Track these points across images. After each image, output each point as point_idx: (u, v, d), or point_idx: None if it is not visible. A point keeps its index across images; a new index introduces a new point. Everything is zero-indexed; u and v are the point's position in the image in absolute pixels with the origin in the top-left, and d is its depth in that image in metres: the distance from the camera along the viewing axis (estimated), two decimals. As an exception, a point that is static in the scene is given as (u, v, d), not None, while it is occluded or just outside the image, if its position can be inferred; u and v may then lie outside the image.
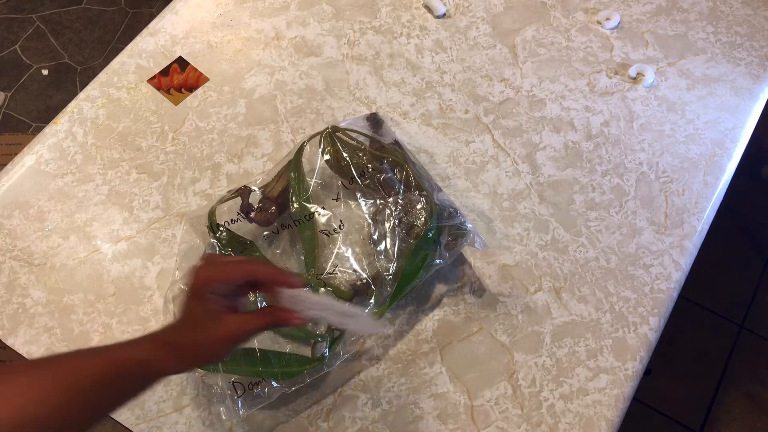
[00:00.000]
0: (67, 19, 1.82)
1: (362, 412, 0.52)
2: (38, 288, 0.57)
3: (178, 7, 0.72)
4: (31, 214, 0.60)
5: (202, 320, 0.41)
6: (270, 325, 0.43)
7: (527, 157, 0.63)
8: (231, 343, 0.41)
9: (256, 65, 0.68)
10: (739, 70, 0.67)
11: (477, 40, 0.70)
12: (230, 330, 0.41)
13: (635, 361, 0.53)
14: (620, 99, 0.66)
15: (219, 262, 0.44)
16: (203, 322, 0.41)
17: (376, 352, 0.54)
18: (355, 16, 0.72)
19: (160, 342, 0.41)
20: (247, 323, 0.42)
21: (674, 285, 0.56)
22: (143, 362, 0.39)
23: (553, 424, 0.51)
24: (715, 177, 0.61)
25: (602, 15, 0.70)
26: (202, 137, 0.64)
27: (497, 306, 0.55)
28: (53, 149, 0.64)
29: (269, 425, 0.51)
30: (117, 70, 0.68)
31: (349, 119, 0.62)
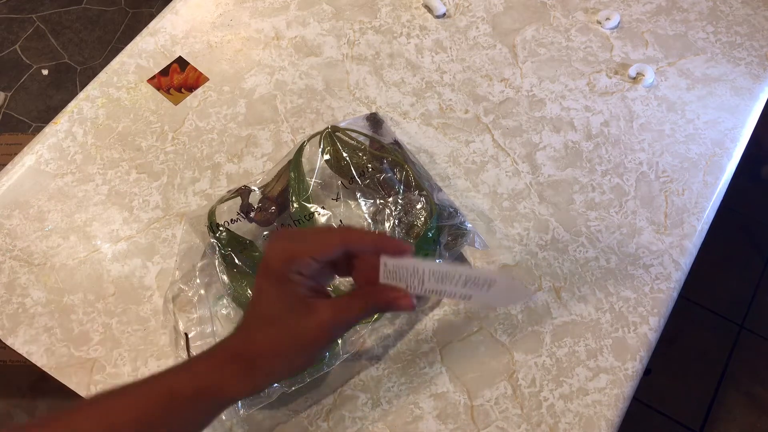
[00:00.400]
0: (67, 19, 1.82)
1: (362, 411, 0.52)
2: (38, 288, 0.57)
3: (178, 7, 0.72)
4: (31, 214, 0.60)
5: (286, 311, 0.32)
6: (373, 309, 0.34)
7: (527, 157, 0.63)
8: (327, 338, 0.32)
9: (256, 65, 0.68)
10: (739, 69, 0.67)
11: (477, 39, 0.70)
12: (326, 321, 0.32)
13: (635, 360, 0.53)
14: (620, 99, 0.66)
15: (305, 233, 0.34)
16: (288, 313, 0.32)
17: (376, 352, 0.54)
18: (355, 16, 0.72)
19: (226, 356, 0.32)
20: (345, 310, 0.33)
21: (674, 285, 0.56)
22: (202, 391, 0.30)
23: (553, 424, 0.51)
24: (715, 177, 0.61)
25: (602, 15, 0.70)
26: (202, 137, 0.64)
27: (497, 306, 0.55)
28: (53, 149, 0.64)
29: (269, 425, 0.51)
30: (117, 70, 0.68)
31: (349, 119, 0.62)
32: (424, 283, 0.33)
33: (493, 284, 0.33)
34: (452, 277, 0.33)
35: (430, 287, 0.33)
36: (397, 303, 0.33)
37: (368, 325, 0.52)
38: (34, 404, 1.28)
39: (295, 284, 0.32)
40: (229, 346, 0.32)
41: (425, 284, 0.33)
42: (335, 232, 0.34)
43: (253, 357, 0.31)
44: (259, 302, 0.33)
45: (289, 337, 0.31)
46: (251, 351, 0.31)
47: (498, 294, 0.34)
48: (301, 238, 0.33)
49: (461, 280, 0.33)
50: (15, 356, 1.17)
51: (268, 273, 0.32)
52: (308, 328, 0.31)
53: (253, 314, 0.33)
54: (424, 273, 0.33)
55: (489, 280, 0.33)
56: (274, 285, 0.32)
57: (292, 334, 0.31)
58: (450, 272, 0.33)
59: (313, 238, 0.33)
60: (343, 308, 0.33)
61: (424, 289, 0.34)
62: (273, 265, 0.32)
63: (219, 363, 0.31)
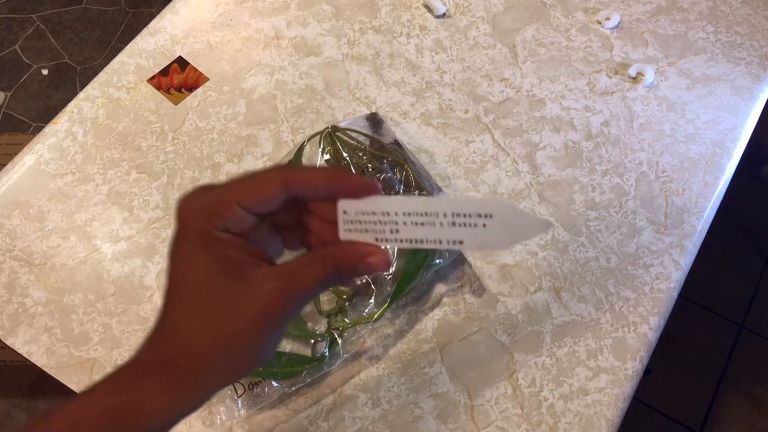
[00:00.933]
0: (67, 19, 1.82)
1: (362, 411, 0.52)
2: (38, 288, 0.57)
3: (177, 7, 0.72)
4: (31, 213, 0.60)
5: (213, 287, 0.23)
6: (335, 274, 0.25)
7: (527, 157, 0.63)
8: (275, 318, 0.23)
9: (256, 65, 0.68)
10: (739, 69, 0.67)
11: (477, 39, 0.70)
12: (271, 293, 0.23)
13: (635, 360, 0.53)
14: (620, 99, 0.66)
15: (232, 179, 0.25)
16: (215, 288, 0.23)
17: (376, 351, 0.54)
18: (355, 15, 0.72)
19: (146, 362, 0.23)
20: (296, 277, 0.24)
21: (674, 285, 0.56)
22: (115, 415, 0.22)
23: (553, 424, 0.51)
24: (715, 177, 0.61)
25: (602, 15, 0.70)
26: (202, 137, 0.64)
27: (497, 306, 0.55)
28: (53, 149, 0.64)
29: (269, 425, 0.51)
30: (117, 69, 0.68)
31: (349, 119, 0.62)
32: (399, 230, 0.26)
33: (491, 216, 0.25)
34: (435, 213, 0.25)
35: (406, 235, 0.26)
36: (367, 262, 0.25)
37: (368, 324, 0.52)
38: (34, 404, 1.28)
39: (222, 244, 0.23)
40: (144, 350, 0.24)
41: (400, 232, 0.26)
42: (272, 170, 0.25)
43: (176, 359, 0.23)
44: (177, 278, 0.24)
45: (222, 322, 0.22)
46: (173, 351, 0.23)
47: (499, 229, 0.25)
48: (225, 185, 0.25)
49: (447, 218, 0.25)
50: (15, 356, 1.17)
51: (185, 235, 0.23)
52: (247, 306, 0.22)
53: (170, 296, 0.24)
54: (398, 215, 0.25)
55: (484, 211, 0.25)
56: (194, 251, 0.23)
57: (224, 317, 0.22)
58: (432, 207, 0.25)
59: (243, 182, 0.24)
60: (294, 275, 0.24)
61: (399, 239, 0.26)
62: (190, 222, 0.23)
63: (137, 373, 0.23)
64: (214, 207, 0.24)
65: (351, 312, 0.53)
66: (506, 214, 0.25)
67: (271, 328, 0.24)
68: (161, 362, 0.23)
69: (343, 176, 0.25)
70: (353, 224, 0.26)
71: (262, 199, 0.24)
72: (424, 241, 0.26)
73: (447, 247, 0.26)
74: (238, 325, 0.23)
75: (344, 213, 0.26)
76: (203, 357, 0.23)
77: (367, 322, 0.52)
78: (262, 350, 0.24)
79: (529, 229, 0.26)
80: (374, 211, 0.26)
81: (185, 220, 0.24)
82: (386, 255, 0.26)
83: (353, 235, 0.26)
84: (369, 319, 0.52)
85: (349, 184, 0.25)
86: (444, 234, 0.26)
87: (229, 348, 0.23)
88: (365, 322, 0.52)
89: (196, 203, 0.24)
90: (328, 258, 0.25)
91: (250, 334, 0.23)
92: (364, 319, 0.52)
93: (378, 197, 0.26)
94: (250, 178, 0.25)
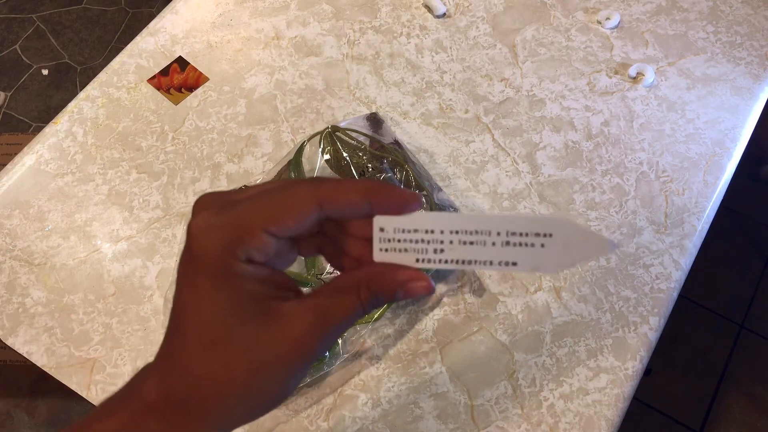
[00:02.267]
0: (67, 19, 1.82)
1: (362, 411, 0.52)
2: (38, 288, 0.57)
3: (178, 7, 0.72)
4: (31, 213, 0.60)
5: (237, 326, 0.20)
6: (372, 303, 0.23)
7: (527, 157, 0.63)
8: (307, 357, 0.21)
9: (256, 65, 0.68)
10: (739, 69, 0.67)
11: (477, 39, 0.70)
12: (304, 332, 0.21)
13: (635, 360, 0.53)
14: (620, 99, 0.66)
15: (252, 194, 0.22)
16: (240, 327, 0.20)
17: (376, 351, 0.54)
18: (355, 15, 0.72)
19: (146, 403, 0.21)
20: (331, 311, 0.22)
21: (674, 285, 0.56)
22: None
23: (553, 424, 0.51)
24: (715, 177, 0.61)
25: (602, 15, 0.70)
26: (202, 137, 0.64)
27: (497, 305, 0.55)
28: (53, 149, 0.64)
29: (269, 425, 0.51)
30: (117, 69, 0.68)
31: (349, 119, 0.62)
32: (444, 250, 0.22)
33: (550, 235, 0.22)
34: (487, 232, 0.22)
35: (452, 256, 0.23)
36: (409, 288, 0.22)
37: (368, 324, 0.52)
38: (34, 404, 1.28)
39: (245, 280, 0.20)
40: (149, 387, 0.21)
41: (446, 252, 0.23)
42: (302, 187, 0.21)
43: (190, 402, 0.20)
44: (190, 313, 0.21)
45: (248, 365, 0.20)
46: (185, 393, 0.20)
47: (558, 250, 0.22)
48: (248, 202, 0.21)
49: (501, 237, 0.22)
50: (15, 356, 1.17)
51: (201, 267, 0.20)
52: (277, 347, 0.20)
53: (182, 332, 0.21)
54: (444, 234, 0.22)
55: (544, 230, 0.22)
56: (212, 284, 0.20)
57: (251, 360, 0.20)
58: (484, 225, 0.22)
59: (269, 201, 0.21)
60: (327, 309, 0.22)
61: (444, 260, 0.23)
62: (207, 251, 0.20)
63: (142, 411, 0.21)
64: (236, 233, 0.20)
65: (351, 312, 0.53)
66: (568, 234, 0.22)
67: (303, 367, 0.21)
68: (171, 403, 0.20)
69: (382, 190, 0.22)
70: (390, 243, 0.23)
71: (292, 223, 0.21)
72: (473, 262, 0.23)
73: (498, 268, 0.23)
74: (267, 368, 0.20)
75: (381, 230, 0.23)
76: (222, 402, 0.20)
77: (368, 322, 0.52)
78: (288, 389, 0.22)
79: (593, 250, 0.23)
80: (416, 229, 0.23)
81: (201, 247, 0.20)
82: (428, 281, 0.22)
83: (390, 256, 0.23)
84: (369, 319, 0.52)
85: (390, 199, 0.22)
86: (495, 254, 0.23)
87: (253, 392, 0.21)
88: (365, 322, 0.52)
89: (214, 227, 0.20)
90: (363, 284, 0.22)
91: (279, 377, 0.21)
92: (364, 319, 0.52)
93: (422, 213, 0.23)
94: (277, 194, 0.21)
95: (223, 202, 0.22)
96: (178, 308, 0.21)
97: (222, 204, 0.21)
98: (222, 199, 0.22)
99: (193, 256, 0.21)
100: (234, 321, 0.20)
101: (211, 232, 0.20)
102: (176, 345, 0.21)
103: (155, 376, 0.22)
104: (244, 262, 0.21)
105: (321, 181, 0.22)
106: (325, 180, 0.22)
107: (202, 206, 0.22)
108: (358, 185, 0.22)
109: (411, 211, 0.23)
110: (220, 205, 0.21)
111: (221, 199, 0.22)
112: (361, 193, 0.22)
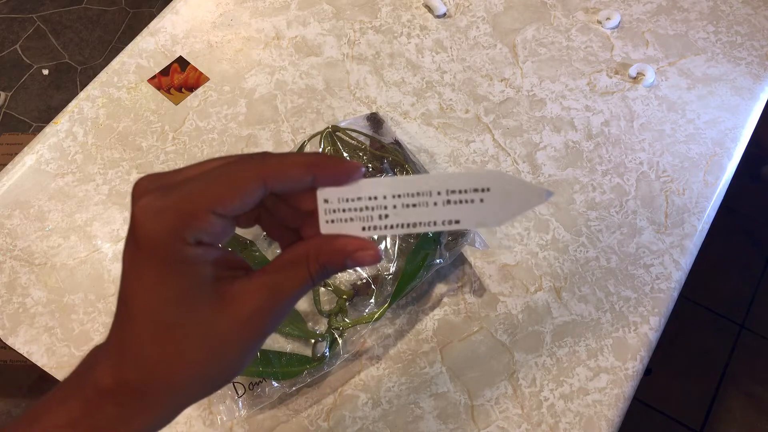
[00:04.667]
0: (67, 18, 1.82)
1: (362, 411, 0.52)
2: (38, 287, 0.57)
3: (178, 7, 0.72)
4: (31, 213, 0.60)
5: (188, 310, 0.21)
6: (321, 274, 0.23)
7: (527, 157, 0.63)
8: (259, 334, 0.22)
9: (257, 65, 0.68)
10: (740, 69, 0.67)
11: (477, 39, 0.70)
12: (255, 311, 0.21)
13: (636, 360, 0.53)
14: (620, 98, 0.66)
15: (193, 173, 0.22)
16: (191, 312, 0.21)
17: (377, 351, 0.54)
18: (355, 15, 0.72)
19: (99, 390, 0.21)
20: (281, 287, 0.22)
21: (674, 284, 0.56)
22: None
23: (554, 424, 0.51)
24: (715, 176, 0.61)
25: (602, 14, 0.70)
26: (203, 137, 0.64)
27: (497, 305, 0.55)
28: (53, 149, 0.64)
29: (269, 425, 0.51)
30: (117, 69, 0.68)
31: (350, 119, 0.62)
32: (389, 215, 0.23)
33: (488, 189, 0.23)
34: (428, 193, 0.23)
35: (398, 220, 0.23)
36: (357, 257, 0.22)
37: (368, 324, 0.52)
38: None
39: (195, 264, 0.20)
40: (102, 373, 0.21)
41: (390, 217, 0.23)
42: (245, 164, 0.21)
43: (145, 385, 0.20)
44: (139, 300, 0.20)
45: (201, 348, 0.20)
46: (140, 376, 0.20)
47: (498, 203, 0.23)
48: (192, 183, 0.21)
49: (442, 196, 0.23)
50: (15, 356, 1.17)
51: (148, 254, 0.20)
52: (229, 329, 0.21)
53: (133, 320, 0.21)
54: (386, 199, 0.23)
55: (481, 185, 0.23)
56: (160, 271, 0.20)
57: (203, 341, 0.20)
58: (424, 186, 0.23)
59: (213, 181, 0.21)
60: (278, 285, 0.22)
61: (390, 225, 0.23)
62: (154, 238, 0.20)
63: (95, 399, 0.21)
64: (182, 216, 0.20)
65: (351, 312, 0.53)
66: (505, 186, 0.23)
67: (257, 343, 0.22)
68: (126, 388, 0.20)
69: (325, 162, 0.22)
70: (336, 213, 0.23)
71: (237, 202, 0.21)
72: (418, 225, 0.23)
73: (442, 228, 0.23)
74: (221, 349, 0.21)
75: (325, 202, 0.23)
76: (178, 384, 0.21)
77: (368, 322, 0.52)
78: (243, 365, 0.22)
79: (529, 199, 0.23)
80: (359, 197, 0.23)
81: (147, 233, 0.20)
82: (376, 248, 0.23)
83: (336, 227, 0.23)
84: (369, 319, 0.52)
85: (333, 171, 0.22)
86: (439, 214, 0.23)
87: (208, 372, 0.21)
88: (366, 322, 0.52)
89: (159, 211, 0.20)
90: (311, 257, 0.23)
91: (233, 356, 0.21)
92: (365, 318, 0.52)
93: (363, 181, 0.23)
94: (221, 174, 0.21)
95: (166, 184, 0.21)
96: (127, 296, 0.21)
97: (164, 186, 0.21)
98: (163, 180, 0.21)
99: (139, 242, 0.20)
100: (185, 306, 0.21)
101: (156, 216, 0.20)
102: (128, 332, 0.21)
103: (108, 362, 0.21)
104: (192, 246, 0.20)
105: (264, 156, 0.22)
106: (268, 155, 0.22)
107: (143, 189, 0.21)
108: (301, 159, 0.22)
109: (354, 180, 0.23)
110: (163, 187, 0.21)
111: (163, 180, 0.21)
112: (304, 168, 0.22)
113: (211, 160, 0.23)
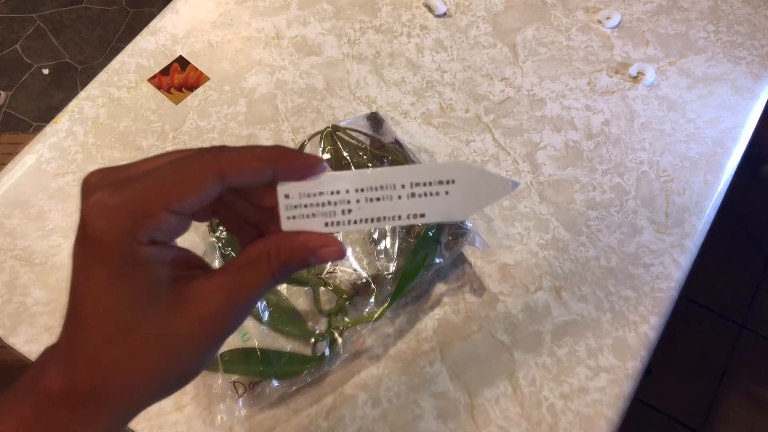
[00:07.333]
0: (67, 18, 1.82)
1: (362, 411, 0.52)
2: (39, 287, 0.57)
3: (178, 7, 0.72)
4: (31, 213, 0.60)
5: (142, 313, 0.20)
6: (283, 272, 0.22)
7: (527, 157, 0.63)
8: (219, 334, 0.21)
9: (257, 64, 0.68)
10: (740, 69, 0.67)
11: (477, 39, 0.70)
12: (214, 311, 0.21)
13: (636, 360, 0.53)
14: (621, 98, 0.66)
15: (147, 168, 0.21)
16: (148, 315, 0.20)
17: (377, 351, 0.54)
18: (355, 15, 0.72)
19: (51, 395, 0.20)
20: (242, 286, 0.21)
21: (675, 284, 0.56)
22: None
23: (554, 423, 0.51)
24: (715, 176, 0.61)
25: (603, 14, 0.70)
26: (203, 136, 0.64)
27: (497, 305, 0.55)
28: (54, 148, 0.64)
29: (269, 425, 0.51)
30: (117, 69, 0.68)
31: (350, 118, 0.62)
32: (352, 210, 0.22)
33: (453, 182, 0.23)
34: (392, 186, 0.22)
35: (361, 215, 0.23)
36: (320, 254, 0.22)
37: (368, 324, 0.52)
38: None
39: (150, 264, 0.19)
40: (52, 377, 0.20)
41: (354, 212, 0.22)
42: (201, 158, 0.20)
43: (100, 389, 0.19)
44: (91, 303, 0.19)
45: (158, 350, 0.20)
46: (94, 380, 0.19)
47: (463, 196, 0.23)
48: (145, 179, 0.20)
49: (406, 189, 0.23)
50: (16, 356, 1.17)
51: (100, 255, 0.19)
52: (186, 330, 0.20)
53: (84, 323, 0.20)
54: (350, 193, 0.22)
55: (446, 177, 0.23)
56: (113, 272, 0.19)
57: (160, 345, 0.20)
58: (387, 180, 0.22)
59: (167, 176, 0.20)
60: (239, 285, 0.21)
61: (353, 220, 0.23)
62: (106, 238, 0.19)
63: (47, 405, 0.20)
64: (136, 215, 0.19)
65: (351, 311, 0.53)
66: (469, 177, 0.23)
67: (217, 344, 0.21)
68: (79, 393, 0.20)
69: (285, 156, 0.21)
70: (297, 209, 0.22)
71: (193, 198, 0.20)
72: (382, 219, 0.23)
73: (407, 222, 0.23)
74: (178, 351, 0.20)
75: (286, 197, 0.22)
76: (133, 388, 0.20)
77: (368, 322, 0.52)
78: (201, 367, 0.21)
79: (495, 190, 0.23)
80: (321, 192, 0.22)
81: (98, 232, 0.19)
82: (339, 244, 0.22)
83: (298, 223, 0.22)
84: (369, 319, 0.52)
85: (293, 165, 0.21)
86: (403, 208, 0.23)
87: (165, 375, 0.20)
88: (365, 322, 0.52)
89: (110, 209, 0.19)
90: (273, 255, 0.22)
91: (192, 358, 0.21)
92: (365, 318, 0.52)
93: (325, 175, 0.22)
94: (176, 169, 0.20)
95: (117, 179, 0.20)
96: (78, 298, 0.20)
97: (116, 182, 0.20)
98: (115, 176, 0.21)
99: (90, 242, 0.19)
100: (140, 308, 0.20)
101: (108, 214, 0.19)
102: (79, 336, 0.20)
103: (58, 366, 0.20)
104: (147, 245, 0.19)
105: (221, 150, 0.21)
106: (226, 149, 0.21)
107: (93, 185, 0.20)
108: (260, 153, 0.21)
109: (316, 174, 0.22)
110: (114, 183, 0.20)
111: (114, 176, 0.21)
112: (263, 161, 0.21)
113: (166, 154, 0.22)
